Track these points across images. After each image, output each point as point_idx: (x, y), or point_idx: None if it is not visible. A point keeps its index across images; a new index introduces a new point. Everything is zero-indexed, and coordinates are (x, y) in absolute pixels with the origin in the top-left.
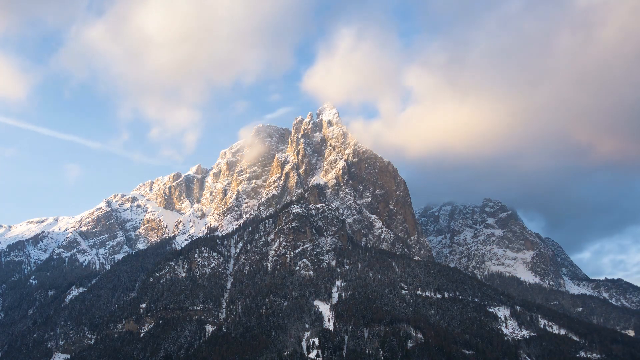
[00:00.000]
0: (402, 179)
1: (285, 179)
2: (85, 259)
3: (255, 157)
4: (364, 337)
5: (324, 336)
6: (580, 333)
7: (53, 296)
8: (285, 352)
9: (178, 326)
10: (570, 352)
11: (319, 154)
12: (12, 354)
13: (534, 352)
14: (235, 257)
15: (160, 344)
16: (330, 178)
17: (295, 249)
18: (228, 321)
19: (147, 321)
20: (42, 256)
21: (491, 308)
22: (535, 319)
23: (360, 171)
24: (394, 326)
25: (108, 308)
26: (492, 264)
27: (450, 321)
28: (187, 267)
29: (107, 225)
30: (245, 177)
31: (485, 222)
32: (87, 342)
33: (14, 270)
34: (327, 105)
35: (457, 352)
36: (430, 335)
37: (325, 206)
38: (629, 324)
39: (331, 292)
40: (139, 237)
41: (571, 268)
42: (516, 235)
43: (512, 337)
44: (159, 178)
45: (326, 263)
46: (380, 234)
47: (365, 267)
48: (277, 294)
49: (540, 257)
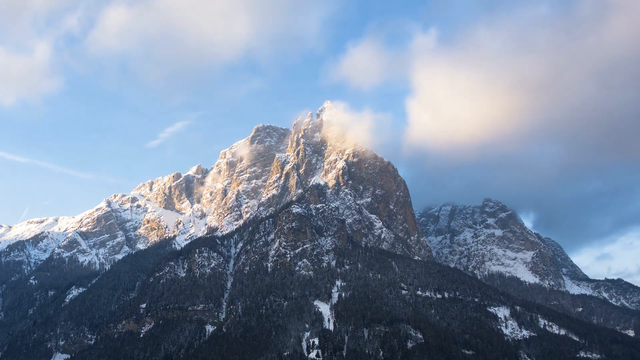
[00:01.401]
0: (402, 179)
1: (285, 179)
2: (85, 259)
3: (255, 157)
4: (364, 337)
5: (324, 336)
6: (580, 333)
7: (53, 296)
8: (285, 352)
9: (178, 326)
10: (570, 352)
11: (319, 154)
12: (12, 354)
13: (534, 352)
14: (235, 257)
15: (160, 344)
16: (330, 178)
17: (295, 249)
18: (228, 321)
19: (147, 321)
20: (42, 256)
21: (491, 308)
22: (535, 319)
23: (360, 171)
24: (394, 326)
25: (108, 308)
26: (492, 264)
27: (450, 321)
28: (187, 267)
29: (107, 225)
30: (245, 177)
31: (485, 222)
32: (87, 342)
33: (14, 270)
34: (327, 105)
35: (457, 352)
36: (430, 335)
37: (325, 206)
38: (629, 324)
39: (331, 292)
40: (139, 237)
41: (571, 268)
42: (516, 235)
43: (512, 337)
44: (159, 178)
45: (326, 263)
46: (380, 234)
47: (365, 267)
48: (277, 294)
49: (540, 257)
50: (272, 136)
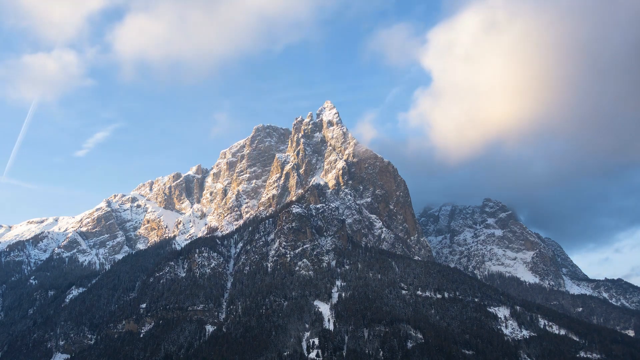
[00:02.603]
0: (402, 179)
1: (285, 179)
2: (86, 259)
3: (255, 157)
4: (364, 337)
5: (324, 336)
6: (580, 333)
7: (53, 296)
8: (285, 352)
9: (178, 326)
10: (570, 352)
11: (319, 154)
12: (12, 354)
13: (534, 352)
14: (235, 257)
15: (160, 344)
16: (330, 178)
17: (295, 249)
18: (228, 321)
19: (147, 321)
20: (42, 256)
21: (491, 308)
22: (535, 319)
23: (360, 171)
24: (394, 326)
25: (108, 308)
26: (492, 264)
27: (450, 321)
28: (187, 267)
29: (107, 225)
30: (245, 177)
31: (485, 222)
32: (87, 342)
33: (14, 271)
34: (327, 105)
35: (457, 352)
36: (430, 335)
37: (325, 206)
38: (629, 324)
39: (331, 292)
40: (139, 237)
41: (571, 268)
42: (516, 235)
43: (512, 337)
44: (159, 178)
45: (326, 263)
46: (380, 234)
47: (365, 267)
48: (277, 294)
49: (540, 257)
50: (272, 136)
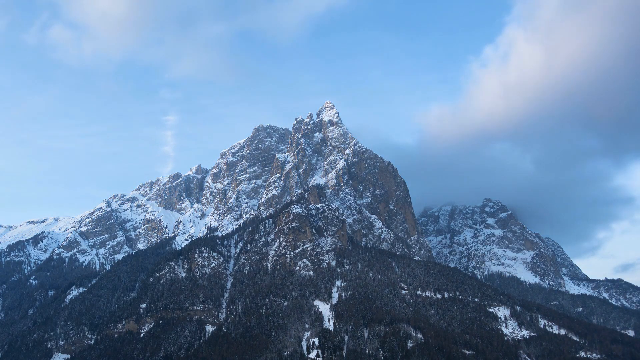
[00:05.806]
0: (402, 179)
1: (285, 179)
2: (85, 259)
3: (255, 157)
4: (364, 337)
5: (324, 336)
6: (580, 333)
7: (53, 296)
8: (285, 352)
9: (178, 326)
10: (570, 352)
11: (319, 154)
12: (12, 354)
13: (534, 352)
14: (235, 257)
15: (160, 344)
16: (330, 178)
17: (295, 249)
18: (228, 321)
19: (147, 321)
20: (42, 256)
21: (491, 308)
22: (535, 319)
23: (360, 171)
24: (394, 326)
25: (108, 308)
26: (492, 264)
27: (450, 321)
28: (187, 267)
29: (107, 225)
30: (245, 177)
31: (485, 222)
32: (87, 342)
33: (14, 270)
34: (328, 105)
35: (457, 352)
36: (430, 335)
37: (325, 206)
38: (629, 324)
39: (331, 292)
40: (139, 237)
41: (571, 268)
42: (516, 235)
43: (512, 337)
44: (159, 178)
45: (326, 263)
46: (380, 234)
47: (365, 267)
48: (277, 294)
49: (540, 257)
50: (272, 136)
